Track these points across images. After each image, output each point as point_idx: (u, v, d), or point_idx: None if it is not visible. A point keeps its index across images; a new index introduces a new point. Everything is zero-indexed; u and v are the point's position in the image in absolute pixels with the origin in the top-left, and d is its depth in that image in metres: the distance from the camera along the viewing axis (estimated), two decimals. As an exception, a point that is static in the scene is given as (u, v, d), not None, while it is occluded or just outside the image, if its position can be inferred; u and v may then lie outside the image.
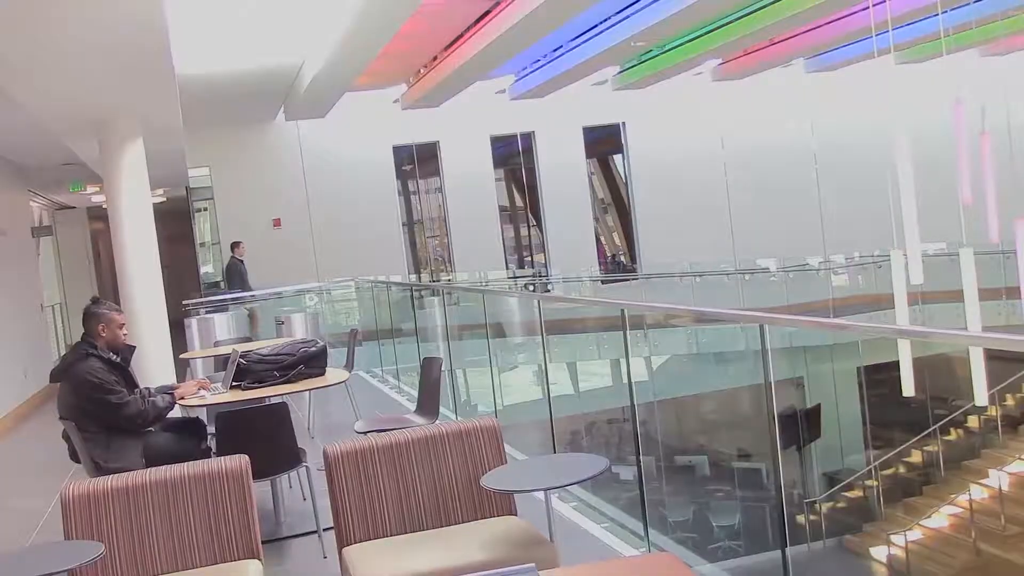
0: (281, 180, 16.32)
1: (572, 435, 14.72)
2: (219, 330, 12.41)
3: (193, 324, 12.65)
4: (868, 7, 10.56)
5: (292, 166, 16.33)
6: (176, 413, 5.94)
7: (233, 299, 14.33)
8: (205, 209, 16.78)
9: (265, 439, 5.22)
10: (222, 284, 15.86)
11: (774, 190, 17.86)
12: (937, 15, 10.89)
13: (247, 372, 5.75)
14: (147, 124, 8.61)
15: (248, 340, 10.12)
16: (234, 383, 5.73)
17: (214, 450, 5.55)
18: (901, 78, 16.35)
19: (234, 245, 15.26)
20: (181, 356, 9.75)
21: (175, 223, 18.02)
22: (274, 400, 5.70)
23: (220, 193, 16.26)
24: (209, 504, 3.77)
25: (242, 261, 15.11)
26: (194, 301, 13.81)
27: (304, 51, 11.67)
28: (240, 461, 3.84)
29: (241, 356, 5.84)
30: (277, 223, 16.27)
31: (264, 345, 6.99)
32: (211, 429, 5.90)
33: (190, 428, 5.93)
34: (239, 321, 13.29)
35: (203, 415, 6.44)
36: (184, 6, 7.60)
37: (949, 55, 12.54)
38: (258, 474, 4.03)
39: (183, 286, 16.17)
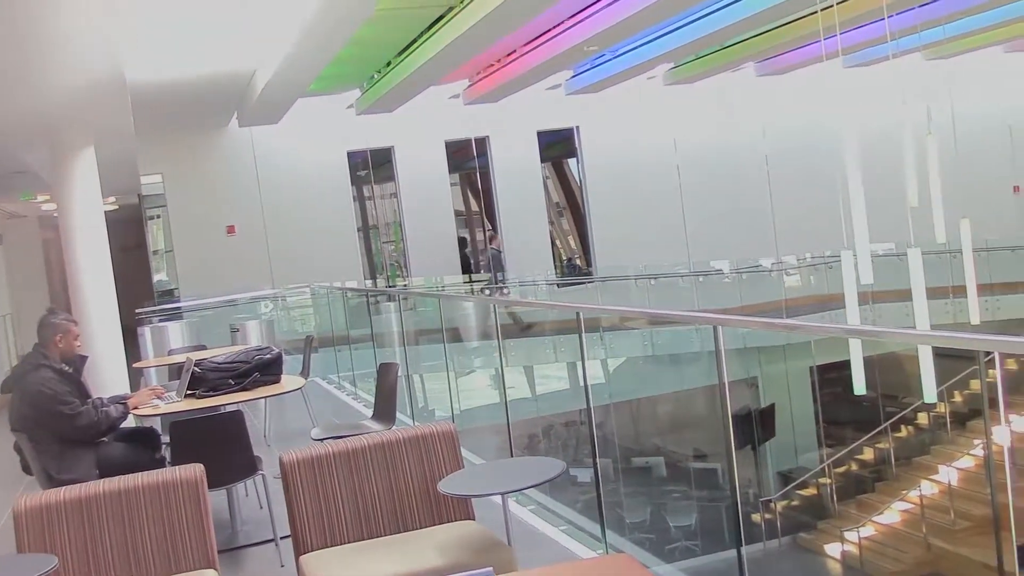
0: (235, 187, 16.20)
1: (529, 438, 14.78)
2: (173, 338, 12.31)
3: (146, 333, 12.53)
4: (816, 12, 10.70)
5: (246, 172, 16.22)
6: (130, 423, 5.89)
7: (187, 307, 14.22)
8: (158, 216, 16.61)
9: (220, 448, 5.19)
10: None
11: (727, 192, 18.04)
12: (883, 19, 11.05)
13: (201, 380, 5.72)
14: (98, 132, 8.52)
15: (202, 348, 10.04)
16: (188, 392, 5.69)
17: (168, 460, 5.51)
18: (849, 81, 16.60)
19: (491, 237, 16.24)
20: (134, 365, 9.65)
21: (128, 231, 17.82)
22: (229, 408, 5.67)
23: (173, 200, 16.10)
24: (164, 514, 3.75)
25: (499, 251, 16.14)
26: (147, 309, 13.67)
27: (257, 57, 11.60)
28: (195, 470, 3.83)
29: (195, 364, 5.80)
30: (231, 230, 16.15)
31: (219, 353, 6.95)
32: (165, 439, 5.86)
33: (144, 438, 5.89)
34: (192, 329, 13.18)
35: (157, 424, 6.39)
36: (135, 13, 7.54)
37: (895, 58, 12.74)
38: (213, 483, 4.01)
39: (136, 294, 15.99)
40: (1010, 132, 18.59)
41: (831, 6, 9.71)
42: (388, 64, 13.61)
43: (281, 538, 5.08)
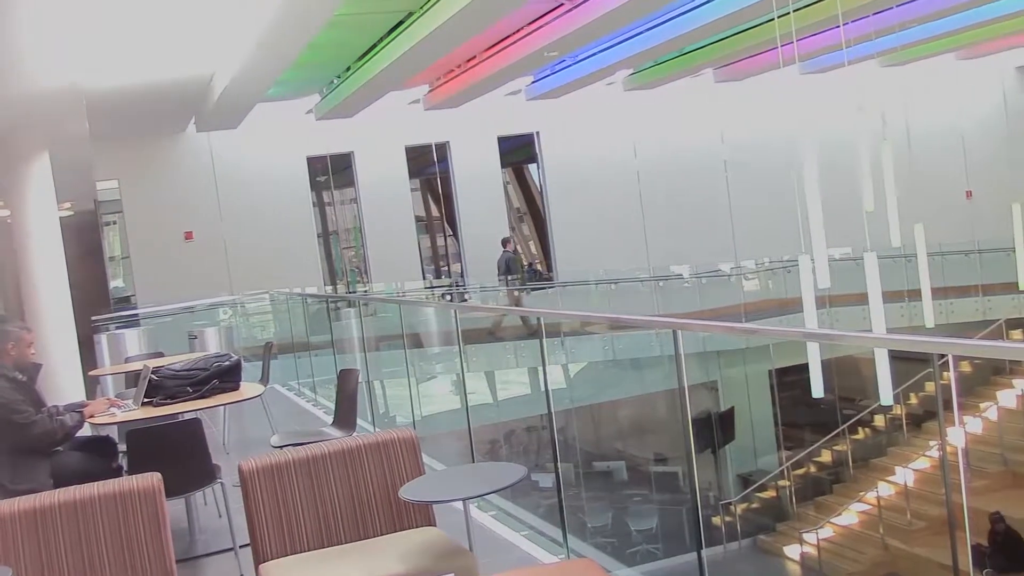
0: (192, 192, 16.05)
1: (491, 444, 14.78)
2: (130, 346, 12.15)
3: (103, 340, 12.36)
4: (773, 19, 10.82)
5: (204, 178, 16.08)
6: (86, 431, 5.81)
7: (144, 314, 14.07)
8: (114, 223, 16.42)
9: (178, 456, 5.14)
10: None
11: (686, 198, 18.17)
12: (839, 27, 11.21)
13: (159, 388, 5.66)
14: (53, 137, 8.42)
15: (160, 356, 9.94)
16: (145, 399, 5.63)
17: (125, 468, 5.45)
18: (806, 88, 16.80)
19: (505, 240, 16.61)
20: (91, 373, 9.53)
21: (83, 237, 17.57)
22: (187, 416, 5.61)
23: (129, 206, 15.93)
24: (121, 524, 3.71)
25: (515, 253, 16.48)
26: (104, 316, 13.50)
27: (215, 62, 11.51)
28: (152, 479, 3.78)
29: (153, 372, 5.74)
30: (189, 236, 16.01)
31: (176, 360, 6.88)
32: (122, 447, 5.78)
33: (100, 447, 5.81)
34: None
35: (114, 433, 6.31)
36: (89, 20, 7.46)
37: (850, 65, 12.92)
38: (171, 491, 3.97)
39: (92, 301, 15.78)
40: (962, 138, 18.90)
41: (787, 13, 9.83)
42: (348, 69, 13.57)
43: (240, 547, 5.03)
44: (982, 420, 13.80)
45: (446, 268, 18.81)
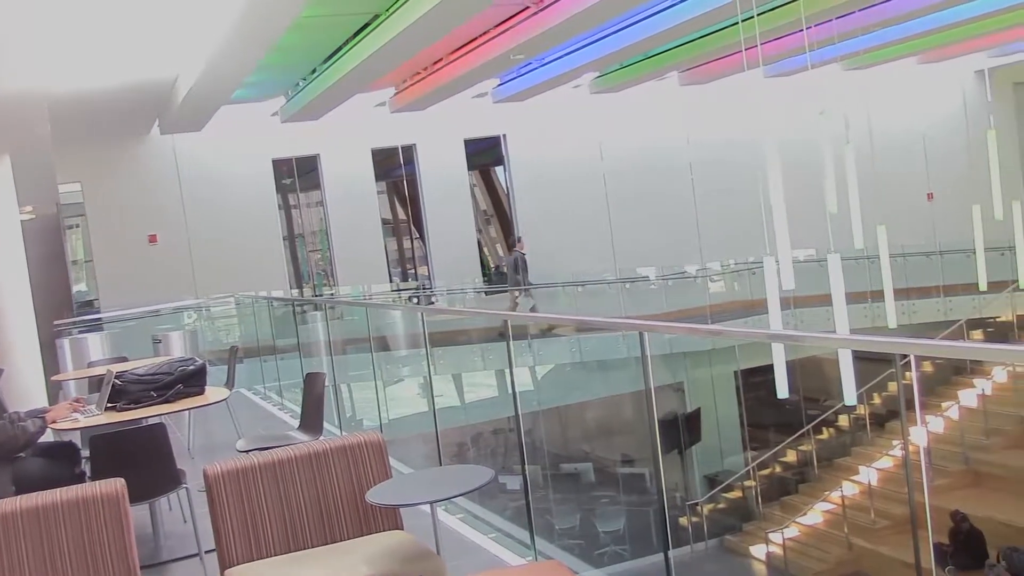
0: (156, 195, 15.91)
1: (458, 447, 14.76)
2: (93, 350, 12.03)
3: (65, 345, 12.21)
4: (738, 23, 10.90)
5: (168, 181, 15.95)
6: (48, 437, 5.75)
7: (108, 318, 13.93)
8: (77, 226, 16.25)
9: (142, 461, 5.10)
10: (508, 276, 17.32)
11: (652, 200, 18.26)
12: (802, 30, 11.30)
13: (122, 393, 5.61)
14: (13, 141, 8.32)
15: (123, 360, 9.84)
16: (109, 404, 5.58)
17: (88, 475, 5.39)
18: (770, 91, 16.93)
19: (516, 241, 16.92)
20: (53, 378, 9.43)
21: (45, 241, 17.36)
22: (152, 421, 5.57)
23: (92, 209, 15.76)
24: (84, 531, 3.67)
25: (524, 255, 16.81)
26: (66, 321, 13.35)
27: (179, 64, 11.44)
28: (116, 485, 3.75)
29: (116, 376, 5.69)
30: (153, 239, 15.87)
31: (140, 364, 6.82)
32: (85, 453, 5.73)
33: (63, 453, 5.74)
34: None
35: (77, 439, 6.24)
36: (51, 23, 7.38)
37: (814, 68, 13.02)
38: (135, 497, 3.93)
39: (54, 305, 15.61)
40: (924, 141, 19.14)
41: (752, 17, 9.90)
42: (314, 71, 13.52)
43: (206, 552, 4.99)
44: (944, 419, 13.98)
45: (413, 271, 18.77)
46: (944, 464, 13.16)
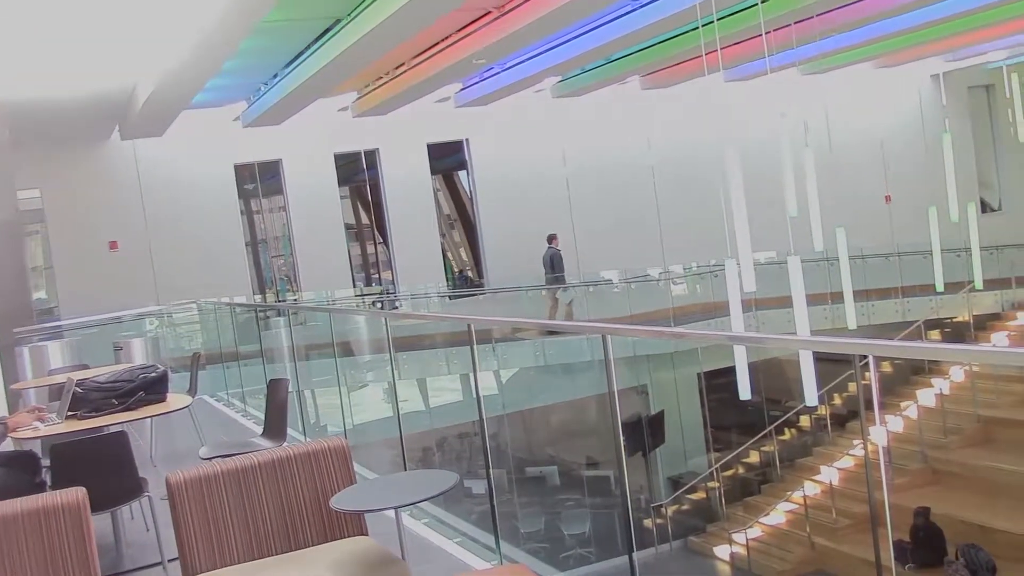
0: (117, 201, 15.76)
1: (423, 452, 14.75)
2: (53, 358, 11.89)
3: (24, 353, 12.07)
4: (698, 27, 11.00)
5: (128, 186, 15.80)
6: (7, 446, 5.69)
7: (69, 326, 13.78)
8: (37, 232, 16.05)
9: (104, 470, 5.06)
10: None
11: (615, 204, 18.34)
12: (761, 35, 11.43)
13: (83, 401, 5.56)
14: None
15: (84, 368, 9.75)
16: (70, 413, 5.53)
17: (49, 484, 5.34)
18: (730, 95, 17.08)
19: (551, 237, 16.95)
20: (12, 387, 9.33)
21: (4, 247, 17.12)
22: (113, 429, 5.52)
23: (52, 215, 15.58)
24: (44, 540, 3.64)
25: (559, 251, 17.02)
26: (25, 328, 13.18)
27: (139, 69, 11.34)
28: (77, 494, 3.72)
29: (77, 384, 5.64)
30: (114, 246, 15.71)
31: (101, 372, 6.77)
32: (46, 462, 5.67)
33: (23, 462, 5.68)
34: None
35: (37, 448, 6.18)
36: (8, 27, 7.31)
37: (773, 73, 13.18)
38: (97, 506, 3.91)
39: (13, 313, 15.40)
40: (881, 144, 19.38)
41: (711, 22, 10.00)
42: (275, 76, 13.46)
43: (169, 561, 4.97)
44: (903, 419, 14.17)
45: (377, 275, 18.73)
46: (903, 463, 13.34)
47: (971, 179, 20.49)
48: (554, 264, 16.94)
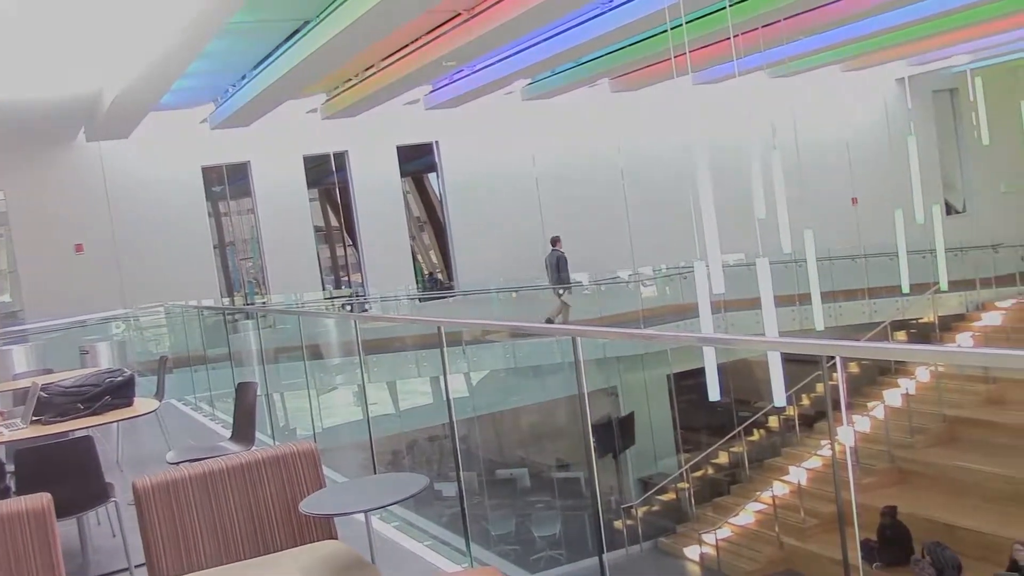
0: (83, 203, 15.59)
1: (393, 455, 14.71)
2: (17, 362, 11.75)
3: (-13, 357, 11.93)
4: (667, 30, 11.05)
5: (94, 189, 15.64)
6: (-30, 453, 5.62)
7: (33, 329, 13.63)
8: (0, 235, 15.86)
9: (69, 475, 5.01)
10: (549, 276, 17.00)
11: (585, 206, 18.38)
12: (729, 39, 11.49)
13: (48, 405, 5.51)
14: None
15: (49, 372, 9.64)
16: (34, 417, 5.47)
17: (13, 489, 5.28)
18: (699, 98, 17.17)
19: (555, 240, 16.83)
20: (-26, 392, 9.19)
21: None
22: (79, 433, 5.47)
23: (15, 218, 15.39)
24: (8, 547, 3.60)
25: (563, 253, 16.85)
26: (-12, 332, 13.04)
27: (104, 70, 11.24)
28: (42, 499, 3.68)
29: (42, 389, 5.58)
30: (79, 248, 15.54)
31: (66, 376, 6.70)
32: (10, 467, 5.60)
33: (-14, 468, 5.62)
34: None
35: (1, 453, 6.11)
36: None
37: (741, 76, 13.25)
38: (63, 512, 3.87)
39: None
40: (847, 147, 19.56)
41: (680, 25, 10.05)
42: (243, 78, 13.38)
43: (136, 566, 4.92)
44: (870, 419, 14.31)
45: (346, 278, 18.66)
46: (871, 463, 13.47)
47: (936, 181, 20.72)
48: (560, 267, 16.83)
